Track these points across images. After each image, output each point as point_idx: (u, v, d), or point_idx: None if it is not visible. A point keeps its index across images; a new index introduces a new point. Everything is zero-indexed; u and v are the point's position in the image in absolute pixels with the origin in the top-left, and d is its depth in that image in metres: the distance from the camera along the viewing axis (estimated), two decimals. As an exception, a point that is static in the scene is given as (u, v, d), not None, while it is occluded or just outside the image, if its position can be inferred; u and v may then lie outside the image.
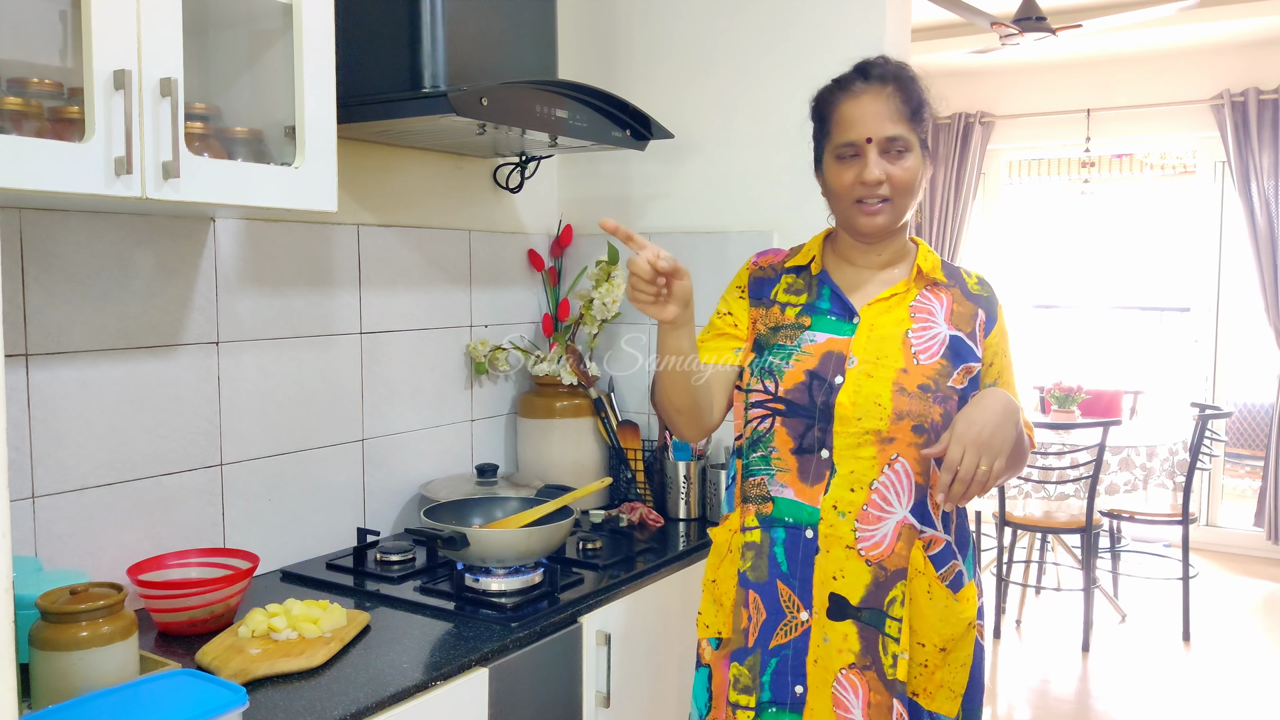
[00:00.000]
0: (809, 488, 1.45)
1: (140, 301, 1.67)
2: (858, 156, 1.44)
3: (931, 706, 1.46)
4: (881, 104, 1.43)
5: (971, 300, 1.51)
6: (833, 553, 1.44)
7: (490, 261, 2.40)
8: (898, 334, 1.46)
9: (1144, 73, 5.59)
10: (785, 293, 1.57)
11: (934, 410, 1.41)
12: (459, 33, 1.87)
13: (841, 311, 1.50)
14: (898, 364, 1.43)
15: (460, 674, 1.49)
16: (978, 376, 1.48)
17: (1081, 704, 3.63)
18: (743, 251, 2.33)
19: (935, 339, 1.46)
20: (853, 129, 1.44)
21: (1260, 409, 5.84)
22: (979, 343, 1.49)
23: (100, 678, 1.25)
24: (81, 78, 1.25)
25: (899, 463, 1.42)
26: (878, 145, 1.42)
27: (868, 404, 1.41)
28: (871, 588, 1.43)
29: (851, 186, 1.44)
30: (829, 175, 1.49)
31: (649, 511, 2.26)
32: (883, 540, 1.42)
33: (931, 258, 1.53)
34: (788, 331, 1.51)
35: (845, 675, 1.44)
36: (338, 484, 2.05)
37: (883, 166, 1.42)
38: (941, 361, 1.45)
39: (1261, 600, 4.81)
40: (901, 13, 2.25)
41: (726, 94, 2.37)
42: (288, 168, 1.52)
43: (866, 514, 1.42)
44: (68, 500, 1.59)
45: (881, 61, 1.47)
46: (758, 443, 1.50)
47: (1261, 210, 5.21)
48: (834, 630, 1.45)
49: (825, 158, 1.50)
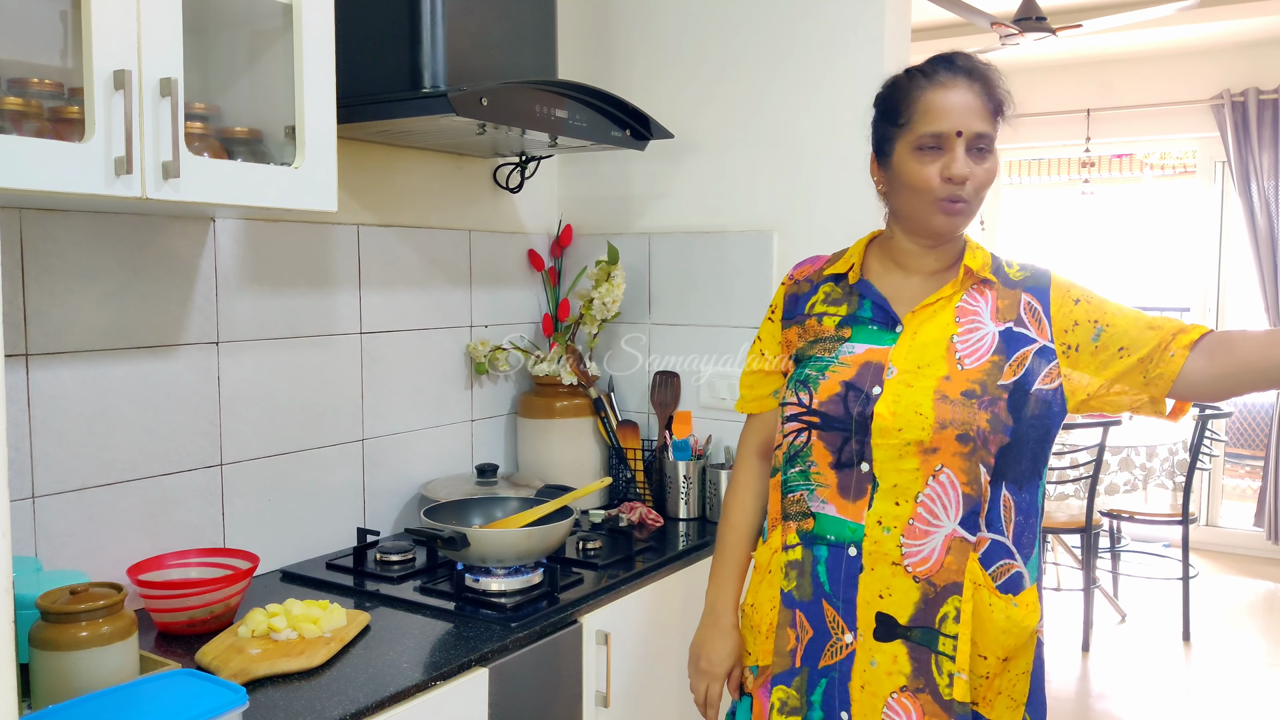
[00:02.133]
0: (851, 504, 1.38)
1: (140, 301, 1.67)
2: (941, 150, 1.35)
3: (991, 715, 1.39)
4: (972, 98, 1.36)
5: (1013, 288, 1.42)
6: (878, 570, 1.36)
7: (490, 261, 2.40)
8: (942, 340, 1.38)
9: (1144, 73, 5.59)
10: (823, 303, 1.50)
11: (980, 417, 1.32)
12: (459, 33, 1.87)
13: (884, 321, 1.43)
14: (940, 371, 1.36)
15: (460, 674, 1.49)
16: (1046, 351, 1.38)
17: (1081, 704, 3.63)
18: (742, 251, 2.34)
19: (983, 340, 1.38)
20: (943, 120, 1.35)
21: (1260, 409, 5.84)
22: (1034, 325, 1.39)
23: (100, 678, 1.25)
24: (81, 78, 1.25)
25: (944, 473, 1.34)
26: (966, 140, 1.35)
27: (908, 414, 1.34)
28: (921, 605, 1.35)
29: (935, 182, 1.35)
30: (905, 169, 1.38)
31: (649, 511, 2.26)
32: (931, 555, 1.35)
33: (980, 255, 1.44)
34: (826, 344, 1.45)
35: (897, 700, 1.36)
36: (338, 484, 2.05)
37: (968, 164, 1.35)
38: (991, 360, 1.36)
39: (1261, 600, 4.81)
40: (901, 13, 2.25)
41: (727, 94, 2.38)
42: (288, 168, 1.52)
43: (913, 528, 1.35)
44: (68, 500, 1.59)
45: (966, 55, 1.40)
46: (795, 458, 1.44)
47: (1261, 210, 5.21)
48: (882, 652, 1.37)
49: (899, 150, 1.39)
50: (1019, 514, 1.38)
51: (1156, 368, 1.36)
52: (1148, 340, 1.36)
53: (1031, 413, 1.36)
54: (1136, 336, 1.37)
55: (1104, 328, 1.39)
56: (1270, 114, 5.20)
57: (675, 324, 2.46)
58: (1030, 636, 1.39)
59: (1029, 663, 1.41)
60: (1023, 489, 1.38)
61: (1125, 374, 1.37)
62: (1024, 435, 1.36)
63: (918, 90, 1.38)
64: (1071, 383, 1.39)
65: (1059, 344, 1.39)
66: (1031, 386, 1.36)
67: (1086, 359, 1.38)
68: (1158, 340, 1.36)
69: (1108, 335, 1.38)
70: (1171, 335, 1.36)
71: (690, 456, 2.32)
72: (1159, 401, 1.38)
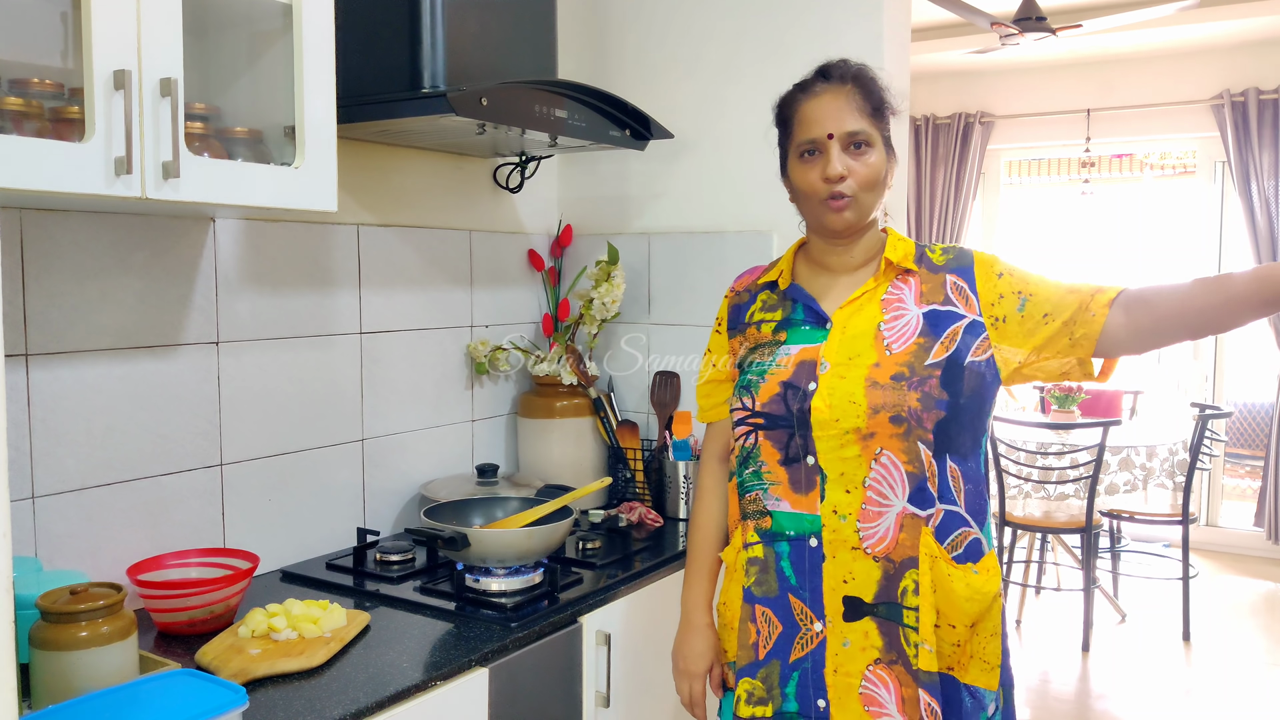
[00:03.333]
0: (804, 497, 1.45)
1: (140, 301, 1.67)
2: (820, 154, 1.46)
3: (966, 679, 1.45)
4: (842, 101, 1.45)
5: (938, 271, 1.50)
6: (839, 557, 1.43)
7: (490, 261, 2.40)
8: (870, 330, 1.46)
9: (1144, 73, 5.59)
10: (761, 311, 1.58)
11: (909, 397, 1.40)
12: (459, 33, 1.87)
13: (815, 320, 1.51)
14: (870, 360, 1.43)
15: (460, 674, 1.49)
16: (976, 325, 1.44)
17: (1081, 704, 3.64)
18: (742, 251, 2.34)
19: (908, 325, 1.45)
20: (814, 126, 1.46)
21: (1260, 409, 5.84)
22: (961, 302, 1.46)
23: (100, 678, 1.25)
24: (81, 78, 1.25)
25: (885, 455, 1.41)
26: (839, 141, 1.45)
27: (843, 404, 1.41)
28: (883, 582, 1.42)
29: (816, 184, 1.46)
30: (794, 176, 1.51)
31: (648, 511, 2.26)
32: (886, 534, 1.42)
33: (902, 246, 1.52)
34: (765, 349, 1.53)
35: (874, 671, 1.43)
36: (338, 484, 2.05)
37: (845, 162, 1.44)
38: (916, 342, 1.43)
39: (1261, 600, 4.81)
40: (901, 13, 2.25)
41: (726, 94, 2.38)
42: (288, 168, 1.52)
43: (866, 512, 1.42)
44: (68, 500, 1.59)
45: (841, 63, 1.50)
46: (747, 459, 1.51)
47: (1261, 210, 5.21)
48: (853, 631, 1.44)
49: (790, 159, 1.52)
50: (968, 483, 1.45)
51: (1080, 329, 1.41)
52: (1069, 303, 1.43)
53: (969, 386, 1.42)
54: (1059, 301, 1.43)
55: (1028, 297, 1.45)
56: (1270, 114, 5.20)
57: (675, 324, 2.46)
58: (994, 600, 1.45)
59: (997, 624, 1.47)
60: (967, 459, 1.45)
61: (1052, 339, 1.43)
62: (962, 408, 1.42)
63: (797, 103, 1.50)
64: (1003, 353, 1.45)
65: (987, 317, 1.45)
66: (965, 360, 1.42)
67: (1014, 329, 1.44)
68: (1078, 302, 1.42)
69: (1032, 304, 1.44)
70: (1090, 295, 1.42)
71: (690, 456, 2.32)
72: (1086, 363, 1.44)
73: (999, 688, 1.47)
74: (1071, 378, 1.47)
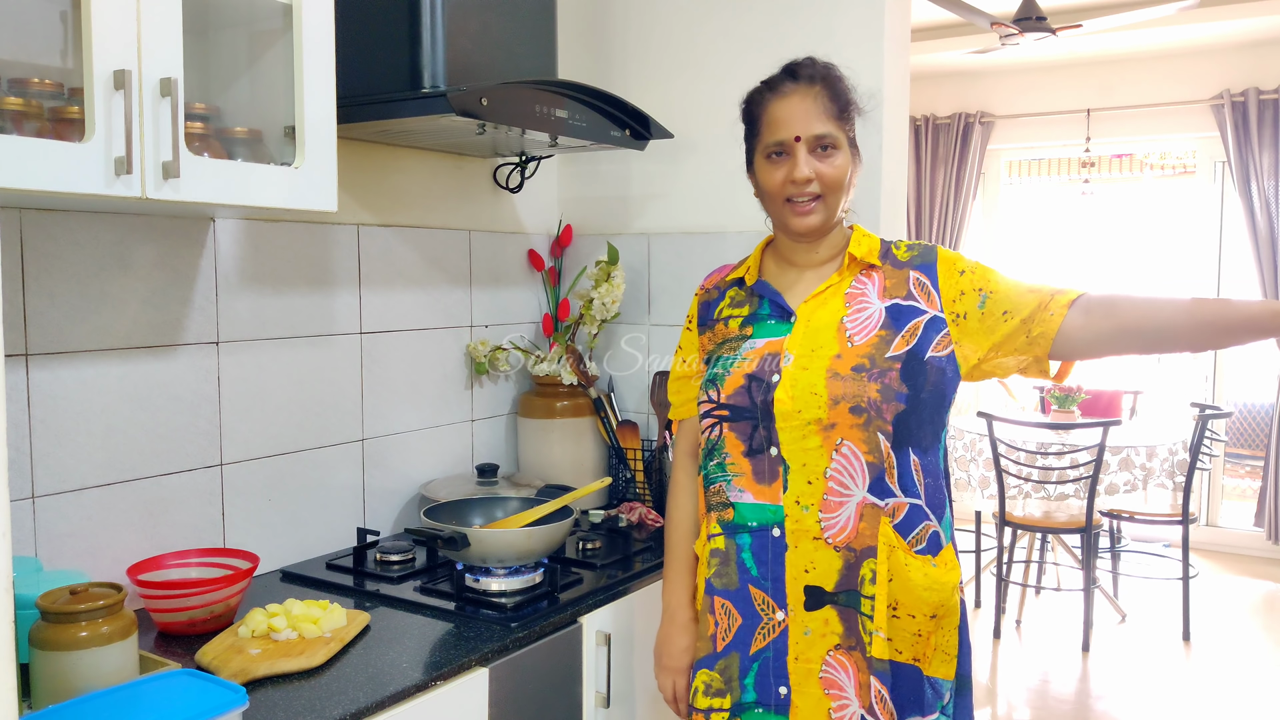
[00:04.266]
0: (767, 488, 1.47)
1: (140, 301, 1.67)
2: (787, 156, 1.47)
3: (931, 671, 1.47)
4: (810, 103, 1.46)
5: (902, 267, 1.51)
6: (801, 547, 1.45)
7: (490, 261, 2.40)
8: (833, 323, 1.48)
9: (1144, 73, 5.59)
10: (729, 307, 1.61)
11: (869, 388, 1.41)
12: (459, 33, 1.87)
13: (780, 314, 1.53)
14: (832, 351, 1.45)
15: (460, 674, 1.49)
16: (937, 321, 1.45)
17: (1081, 704, 3.64)
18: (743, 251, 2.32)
19: (870, 318, 1.47)
20: (781, 128, 1.47)
21: (1260, 409, 5.84)
22: (924, 298, 1.47)
23: (100, 678, 1.25)
24: (81, 78, 1.25)
25: (845, 446, 1.43)
26: (806, 144, 1.45)
27: (804, 395, 1.43)
28: (843, 571, 1.44)
29: (782, 185, 1.47)
30: (760, 176, 1.52)
31: (648, 511, 2.26)
32: (847, 523, 1.43)
33: (866, 242, 1.53)
34: (732, 343, 1.55)
35: (834, 656, 1.45)
36: (338, 484, 2.05)
37: (812, 165, 1.45)
38: (878, 334, 1.45)
39: (1261, 600, 4.81)
40: (901, 13, 2.25)
41: (726, 94, 2.36)
42: (288, 168, 1.52)
43: (828, 502, 1.44)
44: (68, 500, 1.59)
45: (809, 62, 1.50)
46: (712, 451, 1.53)
47: (1261, 210, 5.21)
48: (813, 619, 1.46)
49: (756, 159, 1.53)
50: (928, 476, 1.47)
51: (1037, 327, 1.43)
52: (1028, 302, 1.44)
53: (929, 381, 1.44)
54: (1018, 300, 1.45)
55: (989, 294, 1.47)
56: (1270, 114, 5.20)
57: (675, 324, 2.46)
58: (953, 592, 1.47)
59: (957, 618, 1.48)
60: (927, 453, 1.47)
61: (1010, 336, 1.45)
62: (922, 402, 1.44)
63: (764, 101, 1.50)
64: (963, 349, 1.47)
65: (948, 313, 1.47)
66: (925, 354, 1.44)
67: (974, 325, 1.46)
68: (1038, 301, 1.44)
69: (992, 301, 1.46)
70: (1050, 295, 1.44)
71: (690, 456, 2.31)
72: (1043, 361, 1.46)
73: (954, 677, 1.48)
74: (1028, 375, 1.49)
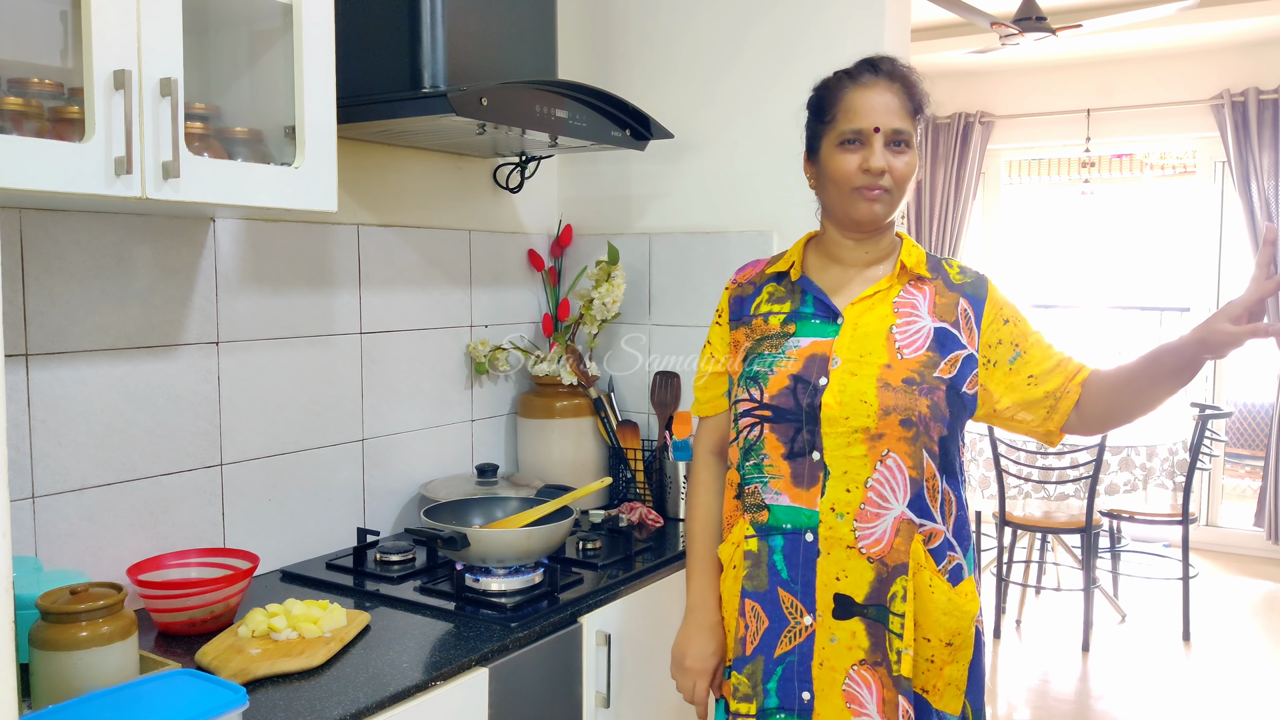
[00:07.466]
0: (805, 491, 1.45)
1: (140, 301, 1.67)
2: (862, 145, 1.45)
3: (940, 705, 1.46)
4: (890, 97, 1.46)
5: (954, 290, 1.51)
6: (834, 554, 1.44)
7: (490, 261, 2.40)
8: (882, 330, 1.47)
9: (1144, 73, 5.59)
10: (768, 302, 1.57)
11: (921, 402, 1.41)
12: (459, 33, 1.87)
13: (825, 314, 1.51)
14: (882, 360, 1.44)
15: (460, 674, 1.49)
16: (972, 360, 1.47)
17: (1081, 704, 3.64)
18: (743, 251, 2.34)
19: (920, 332, 1.46)
20: (862, 117, 1.45)
21: (1260, 409, 5.84)
22: (965, 331, 1.48)
23: (100, 678, 1.25)
24: (81, 78, 1.25)
25: (890, 458, 1.42)
26: (884, 136, 1.45)
27: (854, 402, 1.42)
28: (875, 584, 1.43)
29: (854, 173, 1.45)
30: (830, 163, 1.49)
31: (648, 511, 2.26)
32: (882, 536, 1.42)
33: (916, 253, 1.53)
34: (773, 340, 1.52)
35: (857, 671, 1.44)
36: (338, 484, 2.05)
37: (885, 157, 1.45)
38: (927, 354, 1.45)
39: (1261, 600, 4.81)
40: (901, 13, 2.25)
41: (726, 94, 2.38)
42: (288, 168, 1.52)
43: (865, 512, 1.42)
44: (68, 500, 1.59)
45: (888, 59, 1.50)
46: (750, 451, 1.51)
47: (1261, 210, 5.21)
48: (841, 629, 1.44)
49: (825, 146, 1.50)
50: (958, 508, 1.48)
51: (1060, 404, 1.48)
52: (1054, 379, 1.48)
53: (962, 412, 1.48)
54: (1046, 371, 1.49)
55: (1021, 353, 1.50)
56: (1270, 114, 5.20)
57: (675, 324, 2.46)
58: (972, 623, 1.47)
59: (971, 652, 1.48)
60: (957, 483, 1.49)
61: (1033, 404, 1.49)
62: (955, 430, 1.47)
63: (842, 90, 1.49)
64: (986, 393, 1.49)
65: (982, 356, 1.49)
66: (961, 388, 1.47)
67: (1000, 376, 1.49)
68: (1062, 379, 1.48)
69: (1021, 362, 1.49)
70: (1070, 376, 1.48)
71: (690, 457, 2.31)
72: (1054, 435, 1.51)
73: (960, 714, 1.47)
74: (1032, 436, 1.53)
